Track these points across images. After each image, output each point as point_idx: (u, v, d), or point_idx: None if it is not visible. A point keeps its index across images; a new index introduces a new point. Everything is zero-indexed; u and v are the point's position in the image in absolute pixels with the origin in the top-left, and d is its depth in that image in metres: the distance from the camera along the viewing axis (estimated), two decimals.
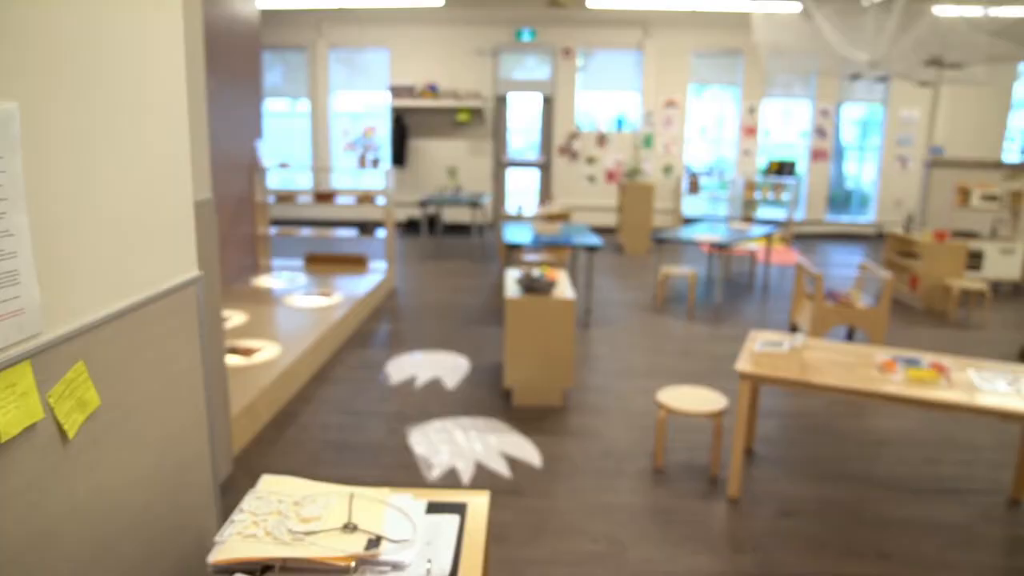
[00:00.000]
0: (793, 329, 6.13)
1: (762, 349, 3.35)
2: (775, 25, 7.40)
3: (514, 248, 6.15)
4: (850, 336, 6.16)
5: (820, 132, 11.71)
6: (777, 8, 7.52)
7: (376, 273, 7.31)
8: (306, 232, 7.66)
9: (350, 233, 7.73)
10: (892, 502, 3.49)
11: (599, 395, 4.76)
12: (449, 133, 11.73)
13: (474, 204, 9.40)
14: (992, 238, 8.15)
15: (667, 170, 11.73)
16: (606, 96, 11.76)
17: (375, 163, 7.26)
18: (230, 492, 3.31)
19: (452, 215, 11.51)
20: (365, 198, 7.42)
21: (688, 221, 11.81)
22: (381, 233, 7.46)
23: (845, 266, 9.56)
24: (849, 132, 12.20)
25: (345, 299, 6.28)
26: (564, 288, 4.63)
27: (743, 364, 3.34)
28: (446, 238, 10.80)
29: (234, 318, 5.62)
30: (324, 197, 7.59)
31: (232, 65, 6.65)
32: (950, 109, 11.58)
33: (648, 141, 11.59)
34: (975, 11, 6.96)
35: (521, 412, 4.44)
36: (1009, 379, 3.23)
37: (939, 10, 6.75)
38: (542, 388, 4.50)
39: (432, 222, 11.01)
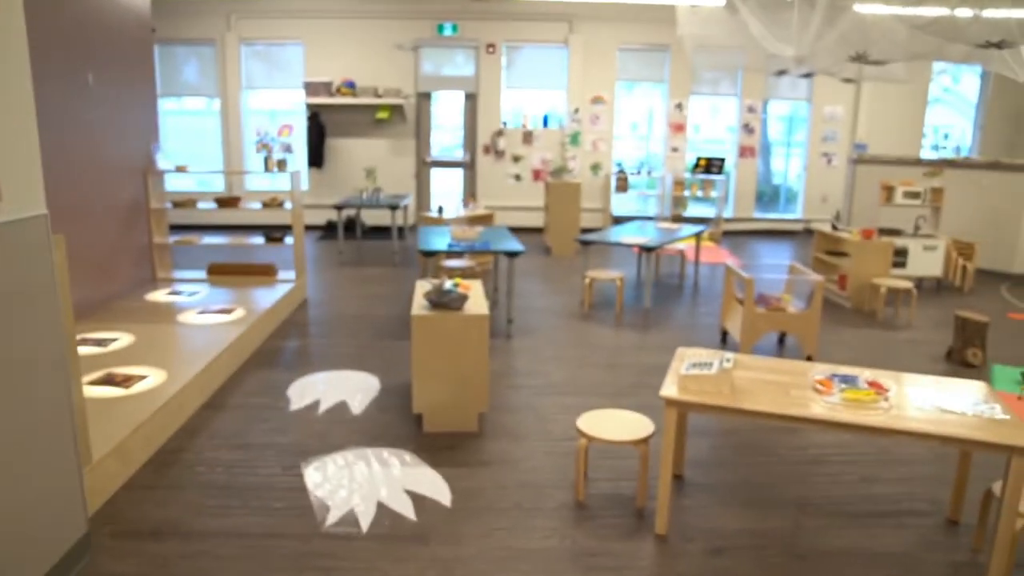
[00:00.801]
0: (723, 335, 5.90)
1: (689, 371, 3.05)
2: (700, 19, 7.18)
3: (432, 254, 5.74)
4: (781, 341, 5.97)
5: (747, 129, 11.63)
6: (702, 2, 7.30)
7: (285, 283, 6.81)
8: (208, 240, 7.08)
9: (257, 240, 7.19)
10: (829, 531, 3.23)
11: (518, 417, 4.40)
12: (369, 132, 11.23)
13: (394, 206, 8.95)
14: (915, 235, 8.13)
15: (595, 168, 11.48)
16: (532, 93, 11.44)
17: (280, 165, 6.74)
18: (87, 557, 2.83)
19: (373, 217, 11.02)
20: (273, 202, 6.90)
21: (617, 220, 11.60)
22: (290, 239, 6.96)
23: (774, 265, 9.46)
24: (776, 129, 12.18)
25: (248, 314, 5.77)
26: (478, 301, 4.25)
27: (669, 389, 3.03)
28: (366, 242, 10.31)
29: (118, 341, 5.06)
30: (228, 202, 7.04)
31: (119, 60, 6.05)
32: (872, 106, 11.66)
33: (575, 139, 11.32)
34: (895, 9, 6.88)
35: (432, 440, 4.05)
36: (944, 396, 3.00)
37: (861, 7, 6.62)
38: (455, 413, 4.12)
39: (351, 225, 10.50)
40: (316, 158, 11.05)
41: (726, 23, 6.84)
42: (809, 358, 5.34)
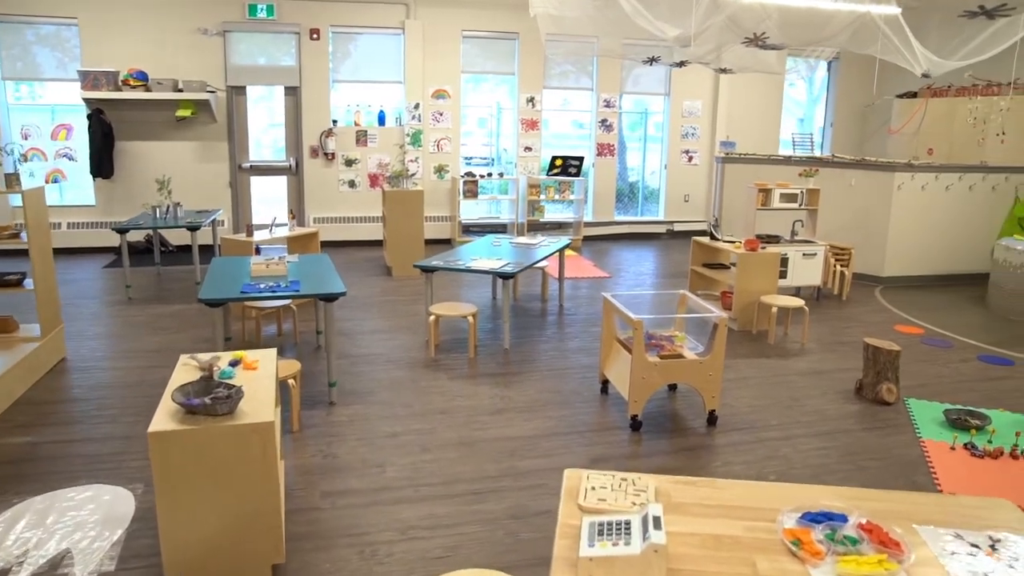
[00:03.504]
0: (604, 385, 4.76)
1: (594, 550, 1.81)
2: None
3: (219, 304, 4.22)
4: (673, 386, 4.92)
5: (604, 125, 10.73)
6: None
7: (29, 342, 5.03)
8: None
9: None
10: None
11: (334, 559, 3.03)
12: (169, 133, 9.36)
13: (193, 226, 7.23)
14: (792, 241, 7.43)
15: (440, 171, 10.18)
16: (365, 86, 9.96)
17: (11, 180, 4.96)
18: None
19: (182, 236, 9.19)
20: (3, 232, 5.09)
21: (468, 229, 10.37)
22: (31, 283, 5.16)
23: (642, 274, 8.55)
24: (633, 125, 11.36)
25: None
26: (262, 395, 2.84)
27: None
28: (169, 269, 8.48)
29: None
30: None
31: None
32: (731, 102, 11.08)
33: (416, 139, 9.96)
34: None
35: None
36: (978, 542, 1.94)
37: None
38: (230, 571, 2.70)
39: (149, 248, 8.63)
40: (103, 166, 9.05)
41: (586, 3, 5.74)
42: (712, 415, 4.31)
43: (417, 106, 9.89)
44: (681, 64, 7.39)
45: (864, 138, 11.81)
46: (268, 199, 9.97)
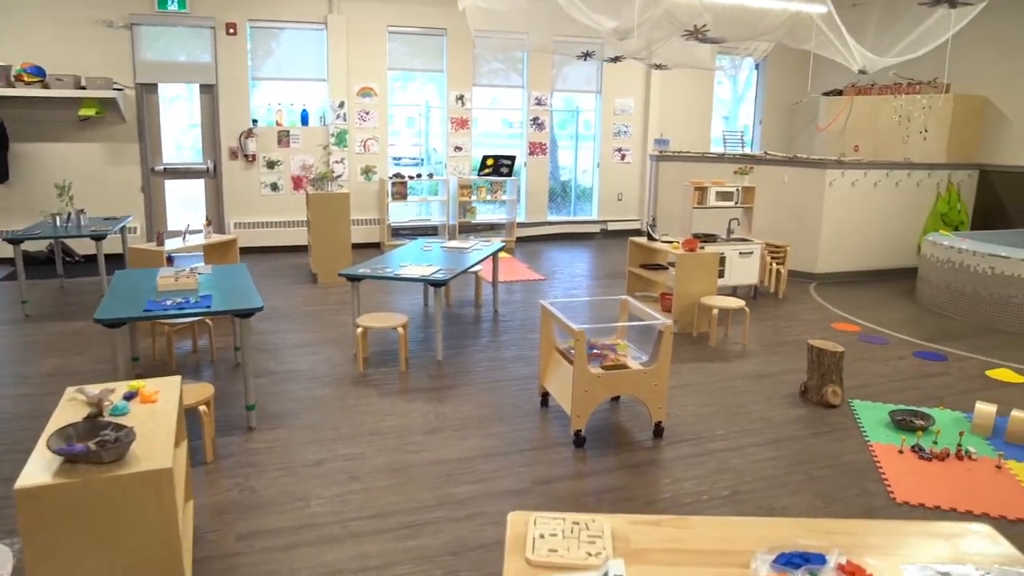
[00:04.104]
0: (543, 398, 4.51)
1: None
2: None
3: (118, 325, 3.79)
4: (616, 397, 4.70)
5: (536, 123, 10.52)
6: None
7: None
8: None
9: None
10: None
11: None
12: (72, 135, 8.71)
13: (98, 236, 6.68)
14: (729, 239, 7.35)
15: (367, 173, 9.79)
16: (287, 84, 9.49)
17: None
18: None
19: (88, 245, 8.55)
20: None
21: (397, 232, 10.01)
22: None
23: (578, 276, 8.36)
24: (563, 123, 11.17)
25: None
26: (163, 432, 2.48)
27: None
28: (75, 281, 7.87)
29: None
30: None
31: None
32: (663, 99, 11.01)
33: (342, 139, 9.55)
34: None
35: None
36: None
37: None
38: None
39: (52, 258, 8.00)
40: None
41: None
42: (658, 426, 4.10)
43: (342, 105, 9.47)
44: (616, 59, 7.21)
45: (792, 135, 11.92)
46: (185, 204, 9.40)
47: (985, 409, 4.42)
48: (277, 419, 4.28)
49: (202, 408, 3.65)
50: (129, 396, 2.74)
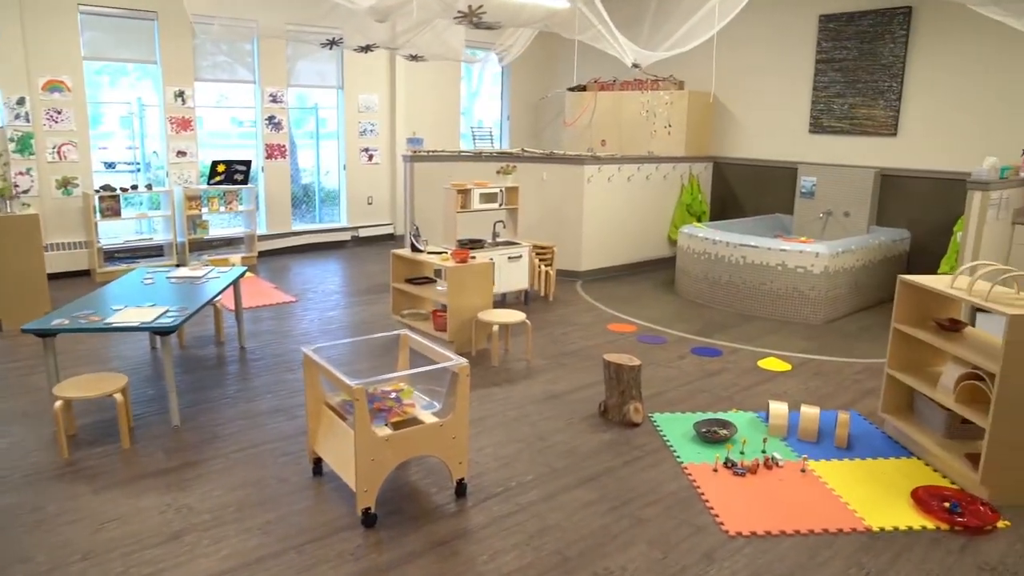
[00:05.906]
0: (316, 465, 3.65)
1: None
2: None
3: None
4: None
5: (273, 123, 9.38)
6: None
7: None
8: None
9: None
10: None
11: None
12: None
13: None
14: (495, 244, 6.92)
15: (65, 186, 8.05)
16: None
17: None
18: None
19: None
20: None
21: (113, 256, 8.38)
22: None
23: (334, 294, 7.47)
24: (299, 122, 10.11)
25: None
26: None
27: None
28: None
29: None
30: None
31: None
32: (409, 96, 10.39)
33: (25, 144, 7.73)
34: None
35: None
36: None
37: None
38: None
39: None
40: None
41: None
42: (460, 484, 3.45)
43: (22, 102, 7.65)
44: (367, 49, 6.39)
45: (539, 130, 11.91)
46: None
47: (778, 409, 4.35)
48: None
49: None
50: None
